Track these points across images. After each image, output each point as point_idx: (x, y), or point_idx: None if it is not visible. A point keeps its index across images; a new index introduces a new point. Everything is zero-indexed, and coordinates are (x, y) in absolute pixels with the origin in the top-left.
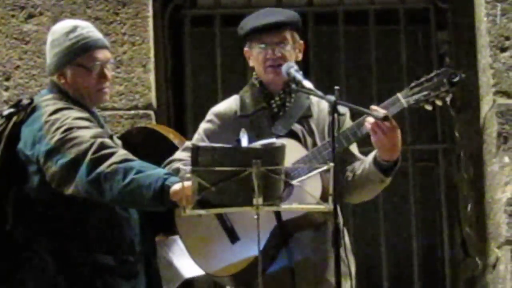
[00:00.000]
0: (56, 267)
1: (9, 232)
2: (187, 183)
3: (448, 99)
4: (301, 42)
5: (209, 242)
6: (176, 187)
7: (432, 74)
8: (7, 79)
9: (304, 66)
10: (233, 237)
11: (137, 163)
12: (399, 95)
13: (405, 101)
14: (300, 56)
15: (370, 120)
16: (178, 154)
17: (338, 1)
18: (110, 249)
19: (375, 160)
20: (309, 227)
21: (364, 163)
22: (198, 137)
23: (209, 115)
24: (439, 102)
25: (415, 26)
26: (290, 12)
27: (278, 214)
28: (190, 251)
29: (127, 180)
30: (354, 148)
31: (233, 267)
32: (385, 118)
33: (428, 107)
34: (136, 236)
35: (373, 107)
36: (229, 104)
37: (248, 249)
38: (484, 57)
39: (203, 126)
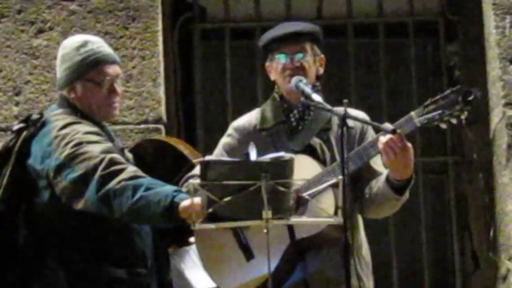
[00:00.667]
0: (67, 280)
1: (21, 246)
2: (197, 199)
3: (463, 117)
4: (322, 56)
5: (225, 258)
6: (185, 203)
7: (446, 92)
8: (17, 94)
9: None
10: (248, 255)
11: (146, 180)
12: (412, 113)
13: (418, 120)
14: (321, 71)
15: (382, 140)
16: (196, 169)
17: (347, 14)
18: (122, 261)
19: (387, 179)
20: (324, 244)
21: (379, 181)
22: (218, 152)
23: (230, 129)
24: (454, 121)
25: (425, 39)
26: (310, 24)
27: (291, 232)
28: (205, 266)
29: (136, 197)
30: (375, 163)
31: (248, 285)
32: (394, 131)
33: (443, 126)
34: (148, 248)
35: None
36: (250, 118)
37: (263, 267)
38: (494, 69)
39: (223, 140)
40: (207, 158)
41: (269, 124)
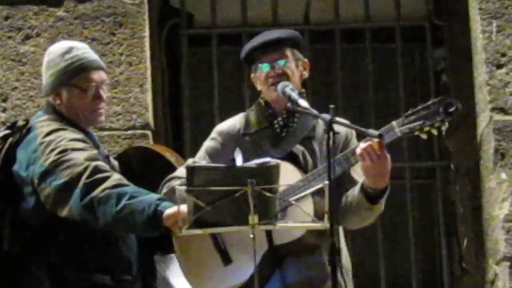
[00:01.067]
0: (52, 287)
1: (6, 252)
2: (182, 207)
3: (444, 128)
4: (305, 60)
5: (203, 263)
6: (170, 211)
7: (428, 103)
8: (4, 101)
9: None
10: (226, 259)
11: (130, 188)
12: (394, 123)
13: (399, 130)
14: (306, 74)
15: (361, 145)
16: (178, 171)
17: (334, 19)
18: (107, 268)
19: (362, 187)
20: (302, 251)
21: (354, 189)
22: (201, 155)
23: (213, 133)
24: (434, 132)
25: (412, 44)
26: (288, 30)
27: (270, 239)
28: (184, 271)
29: (120, 205)
30: (356, 172)
31: None
32: (380, 136)
33: (423, 136)
34: (134, 255)
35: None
36: (234, 122)
37: (240, 272)
38: (480, 73)
39: (206, 144)
40: (193, 164)
41: (252, 129)
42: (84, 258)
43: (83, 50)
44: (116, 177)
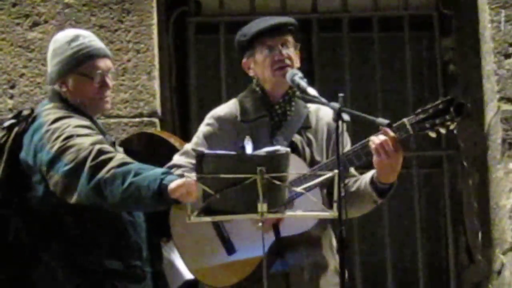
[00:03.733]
0: (64, 274)
1: (15, 242)
2: (189, 180)
3: (452, 127)
4: (297, 50)
5: (205, 252)
6: (177, 182)
7: (438, 102)
8: (12, 87)
9: (308, 72)
10: (230, 249)
11: (135, 166)
12: (405, 120)
13: (411, 128)
14: (298, 63)
15: (375, 140)
16: (177, 159)
17: (342, 8)
18: (118, 254)
19: (371, 181)
20: (303, 243)
21: (360, 181)
22: (198, 141)
23: (209, 119)
24: (443, 130)
25: (420, 33)
26: (287, 17)
27: (277, 230)
28: (184, 259)
29: (126, 183)
30: None
31: (229, 279)
32: (389, 125)
33: (432, 135)
34: (142, 241)
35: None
36: (229, 108)
37: (244, 262)
38: (488, 63)
39: (203, 129)
40: (203, 151)
41: (250, 116)
42: (95, 245)
43: (89, 38)
44: (119, 157)
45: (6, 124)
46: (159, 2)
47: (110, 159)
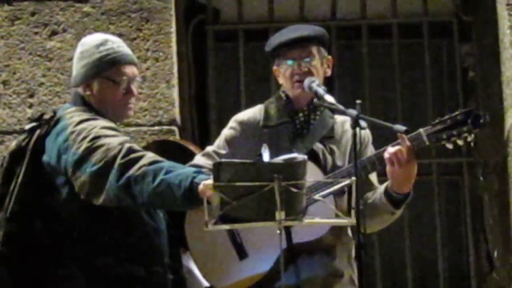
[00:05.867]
0: (86, 279)
1: (37, 245)
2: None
3: (470, 139)
4: (329, 57)
5: (217, 256)
6: (206, 183)
7: (456, 113)
8: (31, 96)
9: (327, 80)
10: (242, 254)
11: (167, 164)
12: (421, 131)
13: (427, 139)
14: (329, 72)
15: (389, 150)
16: (198, 159)
17: (361, 15)
18: (140, 259)
19: (386, 191)
20: (316, 250)
21: (376, 193)
22: (220, 143)
23: (232, 122)
24: (460, 142)
25: (439, 39)
26: (316, 27)
27: (289, 237)
28: (198, 264)
29: (157, 181)
30: (373, 176)
31: (240, 284)
32: (407, 132)
33: (449, 146)
34: (165, 247)
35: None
36: (253, 113)
37: (256, 267)
38: (508, 69)
39: (225, 132)
40: (220, 160)
41: (272, 122)
42: (117, 249)
43: (117, 43)
44: (150, 155)
45: (28, 126)
46: (178, 10)
47: (141, 157)
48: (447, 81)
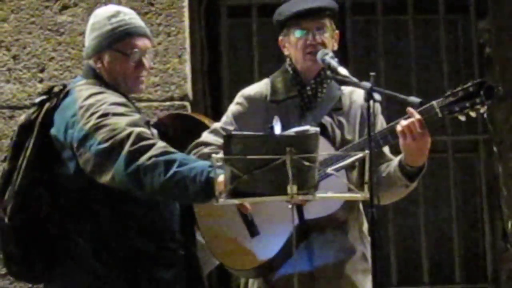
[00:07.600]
0: (94, 254)
1: (44, 220)
2: None
3: (482, 111)
4: (337, 31)
5: (228, 234)
6: (222, 178)
7: (468, 84)
8: (42, 71)
9: (342, 55)
10: (254, 231)
11: (179, 156)
12: (434, 103)
13: (440, 111)
14: (336, 46)
15: (402, 123)
16: (206, 137)
17: None
18: (151, 234)
19: (400, 164)
20: (329, 227)
21: (390, 166)
22: (227, 120)
23: (239, 98)
24: (473, 114)
25: (455, 15)
26: (328, 0)
27: (301, 213)
28: (206, 241)
29: (170, 173)
30: (386, 149)
31: (251, 262)
32: (421, 104)
33: (462, 118)
34: (177, 223)
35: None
36: (260, 88)
37: (268, 244)
38: None
39: (232, 108)
40: (232, 132)
41: (280, 96)
42: (126, 224)
43: (130, 15)
44: (161, 145)
45: (38, 100)
46: None
47: (151, 146)
48: (463, 57)
